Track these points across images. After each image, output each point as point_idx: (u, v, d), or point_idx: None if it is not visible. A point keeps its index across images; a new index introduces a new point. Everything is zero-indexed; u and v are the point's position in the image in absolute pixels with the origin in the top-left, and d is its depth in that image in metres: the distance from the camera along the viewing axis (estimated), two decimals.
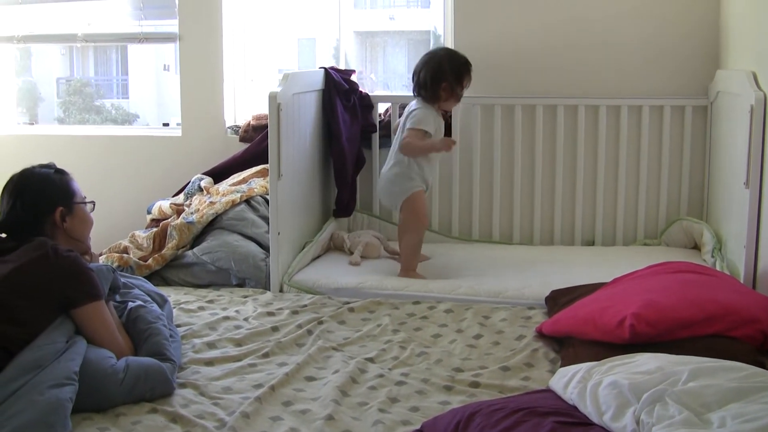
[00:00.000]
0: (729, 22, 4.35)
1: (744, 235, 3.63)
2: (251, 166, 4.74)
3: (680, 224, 4.58)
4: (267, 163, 4.01)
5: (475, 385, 2.76)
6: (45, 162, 2.96)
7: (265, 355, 3.02)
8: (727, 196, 4.14)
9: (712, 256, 4.05)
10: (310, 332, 3.27)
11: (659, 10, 4.62)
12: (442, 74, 4.10)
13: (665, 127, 4.63)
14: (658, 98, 4.63)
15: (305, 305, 3.62)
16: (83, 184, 2.98)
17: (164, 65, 7.93)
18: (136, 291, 3.14)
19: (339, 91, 4.60)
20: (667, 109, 4.61)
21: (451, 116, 4.79)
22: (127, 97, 8.83)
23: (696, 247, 4.48)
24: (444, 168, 4.80)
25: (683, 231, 4.56)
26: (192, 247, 4.20)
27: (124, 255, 4.17)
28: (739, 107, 3.85)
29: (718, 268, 3.83)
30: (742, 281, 3.56)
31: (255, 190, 4.44)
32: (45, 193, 2.84)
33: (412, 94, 4.23)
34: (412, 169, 4.11)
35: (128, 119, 7.73)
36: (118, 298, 2.96)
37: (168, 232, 4.23)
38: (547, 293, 3.62)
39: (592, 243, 4.77)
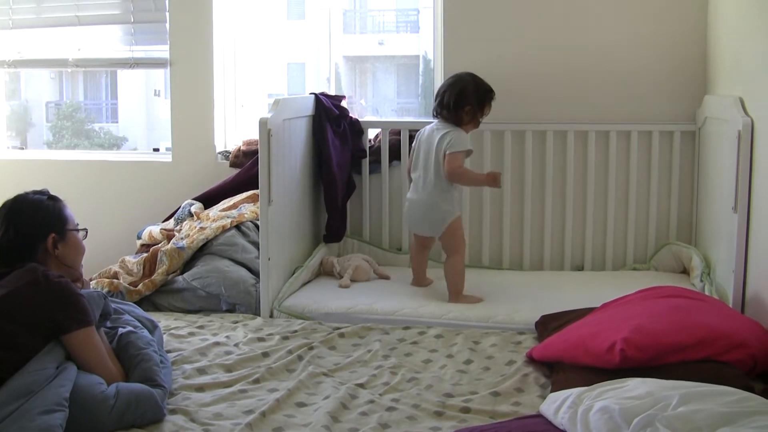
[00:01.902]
0: (716, 49, 4.39)
1: (732, 260, 3.64)
2: (242, 192, 4.74)
3: (669, 249, 4.60)
4: (257, 188, 4.01)
5: (466, 410, 2.76)
6: (37, 188, 2.96)
7: (256, 381, 3.02)
8: (715, 221, 4.16)
9: (701, 281, 4.06)
10: (300, 358, 3.27)
11: (647, 36, 4.65)
12: (466, 97, 4.08)
13: (654, 153, 4.65)
14: (646, 123, 4.65)
15: (296, 331, 3.62)
16: (73, 209, 2.98)
17: (155, 90, 7.95)
18: (127, 317, 3.13)
19: (329, 116, 4.62)
20: (655, 135, 4.64)
21: None
22: (116, 122, 8.85)
23: (685, 271, 4.49)
24: None
25: (672, 255, 4.58)
26: (182, 273, 4.19)
27: (115, 280, 4.16)
28: (727, 132, 3.87)
29: (707, 292, 3.84)
30: (730, 305, 3.57)
31: (245, 215, 4.44)
32: (37, 219, 2.84)
33: (432, 116, 4.23)
34: (452, 194, 4.11)
35: (116, 143, 7.74)
36: (108, 324, 2.95)
37: (158, 258, 4.23)
38: (537, 318, 3.63)
39: (581, 268, 4.78)
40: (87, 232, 3.00)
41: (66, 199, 2.99)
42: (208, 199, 4.80)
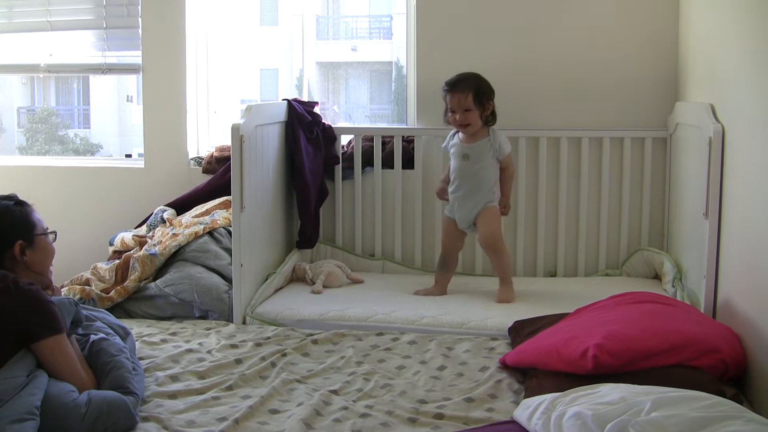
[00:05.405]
0: (688, 56, 4.42)
1: (704, 265, 3.66)
2: (214, 198, 4.73)
3: (641, 254, 4.63)
4: (230, 194, 4.01)
5: (440, 416, 2.76)
6: (6, 193, 2.93)
7: (229, 388, 3.01)
8: (687, 227, 4.18)
9: (673, 286, 4.08)
10: (273, 364, 3.26)
11: (619, 44, 4.68)
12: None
13: (626, 159, 4.68)
14: (618, 130, 4.68)
15: (269, 337, 3.61)
16: (44, 215, 2.95)
17: (127, 96, 7.91)
18: (98, 324, 3.11)
19: (302, 123, 4.61)
20: (627, 141, 4.66)
21: (414, 147, 4.81)
22: (89, 127, 8.80)
23: (657, 277, 4.52)
24: (406, 200, 4.83)
25: (644, 261, 4.60)
26: (155, 279, 4.17)
27: (86, 287, 4.13)
28: (697, 139, 3.90)
29: (678, 298, 3.86)
30: (702, 311, 3.58)
31: (218, 221, 4.42)
32: (3, 225, 2.81)
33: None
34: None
35: (90, 149, 7.70)
36: (80, 331, 2.93)
37: (130, 264, 4.21)
38: (510, 324, 3.63)
39: (554, 274, 4.80)
40: (56, 235, 2.97)
41: (37, 206, 2.96)
42: (181, 206, 4.79)
